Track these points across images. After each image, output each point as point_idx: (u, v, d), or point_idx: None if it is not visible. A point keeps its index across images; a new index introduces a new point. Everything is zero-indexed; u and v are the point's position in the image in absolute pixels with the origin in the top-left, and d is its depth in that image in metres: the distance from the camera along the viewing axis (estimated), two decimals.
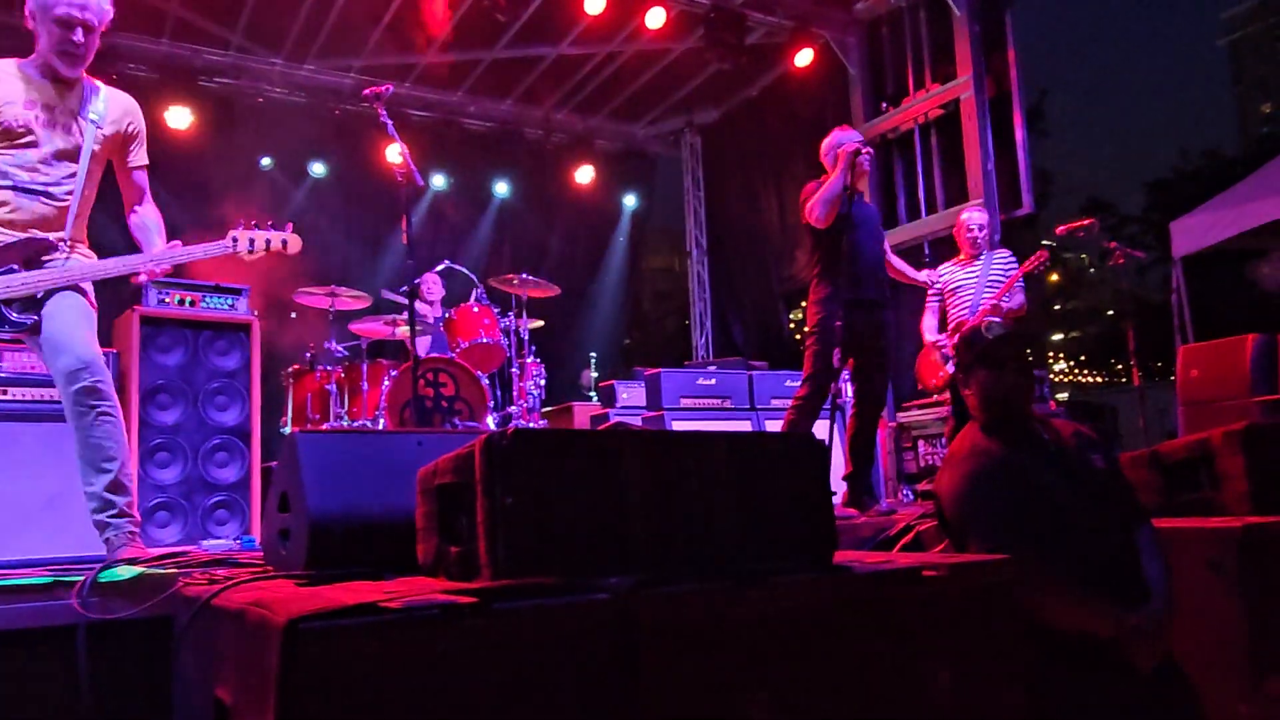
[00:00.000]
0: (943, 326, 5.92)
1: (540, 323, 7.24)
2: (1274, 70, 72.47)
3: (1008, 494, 2.53)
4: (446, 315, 6.67)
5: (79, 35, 3.12)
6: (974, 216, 6.07)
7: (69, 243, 3.22)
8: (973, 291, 5.76)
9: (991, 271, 5.79)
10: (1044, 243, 8.10)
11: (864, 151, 4.57)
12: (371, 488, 2.39)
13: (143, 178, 3.57)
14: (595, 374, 9.35)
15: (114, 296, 5.49)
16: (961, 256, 6.02)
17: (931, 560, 2.13)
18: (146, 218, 3.44)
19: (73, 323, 3.11)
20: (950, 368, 5.64)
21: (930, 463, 7.47)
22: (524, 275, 6.69)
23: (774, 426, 5.19)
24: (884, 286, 4.73)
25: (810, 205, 4.58)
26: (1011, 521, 2.47)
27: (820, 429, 4.44)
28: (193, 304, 5.25)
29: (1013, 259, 5.85)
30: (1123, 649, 2.36)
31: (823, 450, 2.18)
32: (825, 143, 4.89)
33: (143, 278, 3.36)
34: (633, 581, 1.77)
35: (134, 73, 8.62)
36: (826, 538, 2.13)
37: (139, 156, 3.58)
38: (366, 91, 4.26)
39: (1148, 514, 2.68)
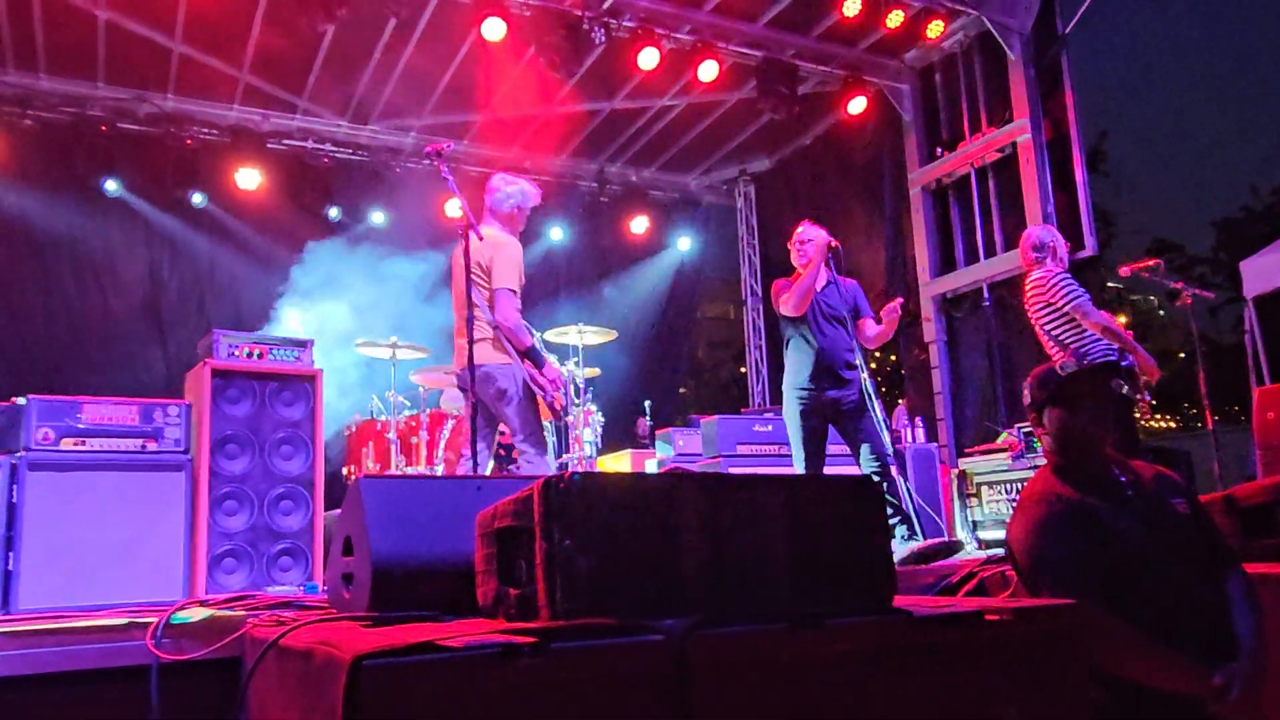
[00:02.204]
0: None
1: (597, 371, 7.30)
2: None
3: (1080, 541, 2.43)
4: None
5: None
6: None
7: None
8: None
9: None
10: (1109, 284, 7.94)
11: (834, 245, 4.93)
12: (432, 531, 2.43)
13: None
14: (651, 422, 9.36)
15: (189, 352, 5.71)
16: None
17: (994, 605, 2.08)
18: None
19: None
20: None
21: (993, 508, 7.31)
22: (580, 325, 6.77)
23: (830, 472, 5.17)
24: (846, 360, 4.94)
25: (785, 299, 4.96)
26: (1084, 570, 2.38)
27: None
28: (260, 356, 5.41)
29: None
30: (1210, 709, 2.24)
31: (880, 494, 2.17)
32: (795, 234, 5.16)
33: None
34: (688, 623, 1.77)
35: (206, 137, 9.01)
36: (884, 581, 2.10)
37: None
38: (428, 149, 4.39)
39: (1238, 561, 2.56)
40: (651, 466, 7.66)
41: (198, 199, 9.00)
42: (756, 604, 2.00)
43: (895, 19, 8.02)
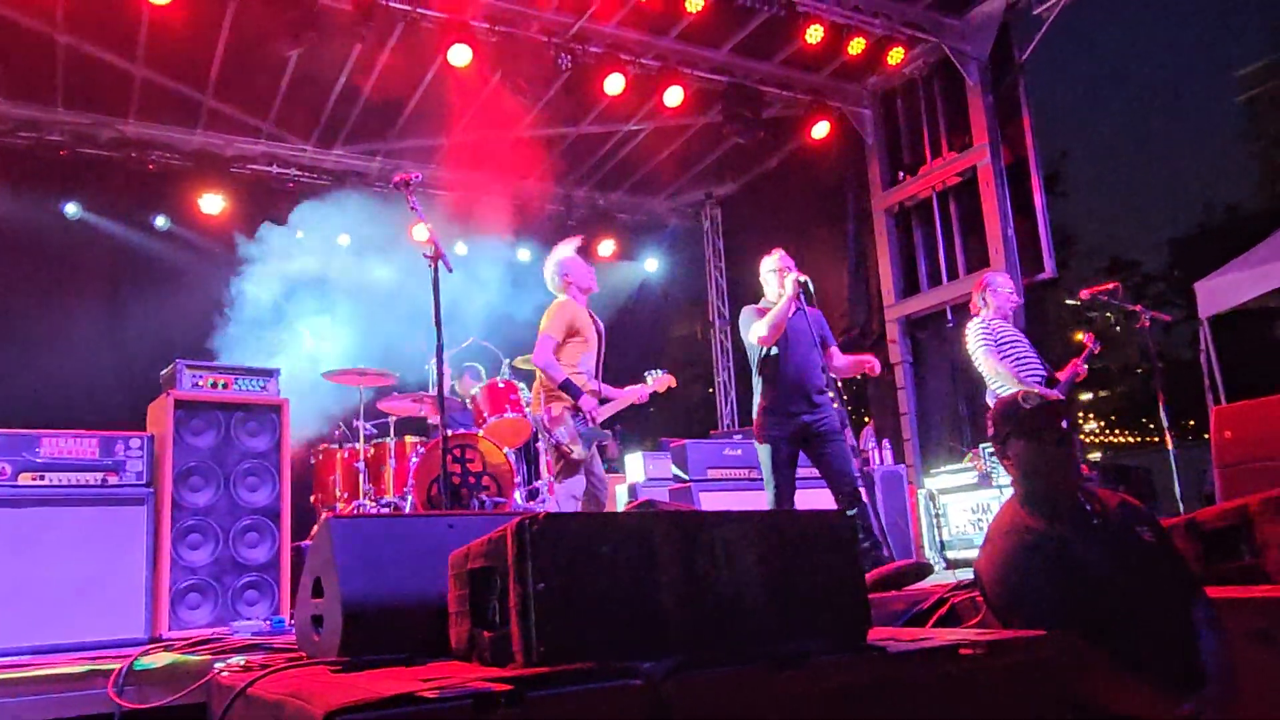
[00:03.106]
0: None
1: None
2: None
3: (1049, 572, 2.46)
4: (473, 391, 6.72)
5: None
6: (1008, 279, 6.03)
7: None
8: (1030, 348, 5.71)
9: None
10: (1069, 302, 8.10)
11: (803, 279, 4.99)
12: (404, 571, 2.41)
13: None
14: (620, 445, 9.34)
15: (151, 381, 5.61)
16: (1005, 317, 5.82)
17: (969, 638, 2.10)
18: None
19: None
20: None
21: (960, 528, 7.38)
22: None
23: (801, 497, 5.18)
24: (816, 387, 4.98)
25: (757, 328, 5.01)
26: (1054, 601, 2.41)
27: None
28: (225, 386, 5.33)
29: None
30: None
31: (853, 528, 2.18)
32: (764, 262, 5.26)
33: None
34: (666, 666, 1.76)
35: (169, 161, 8.91)
36: (860, 616, 2.11)
37: None
38: (396, 179, 4.38)
39: (1202, 587, 2.60)
40: (621, 491, 7.63)
41: (161, 222, 8.88)
42: (734, 642, 1.99)
43: (857, 46, 8.14)
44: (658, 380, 5.76)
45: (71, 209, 8.54)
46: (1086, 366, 5.91)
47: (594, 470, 5.22)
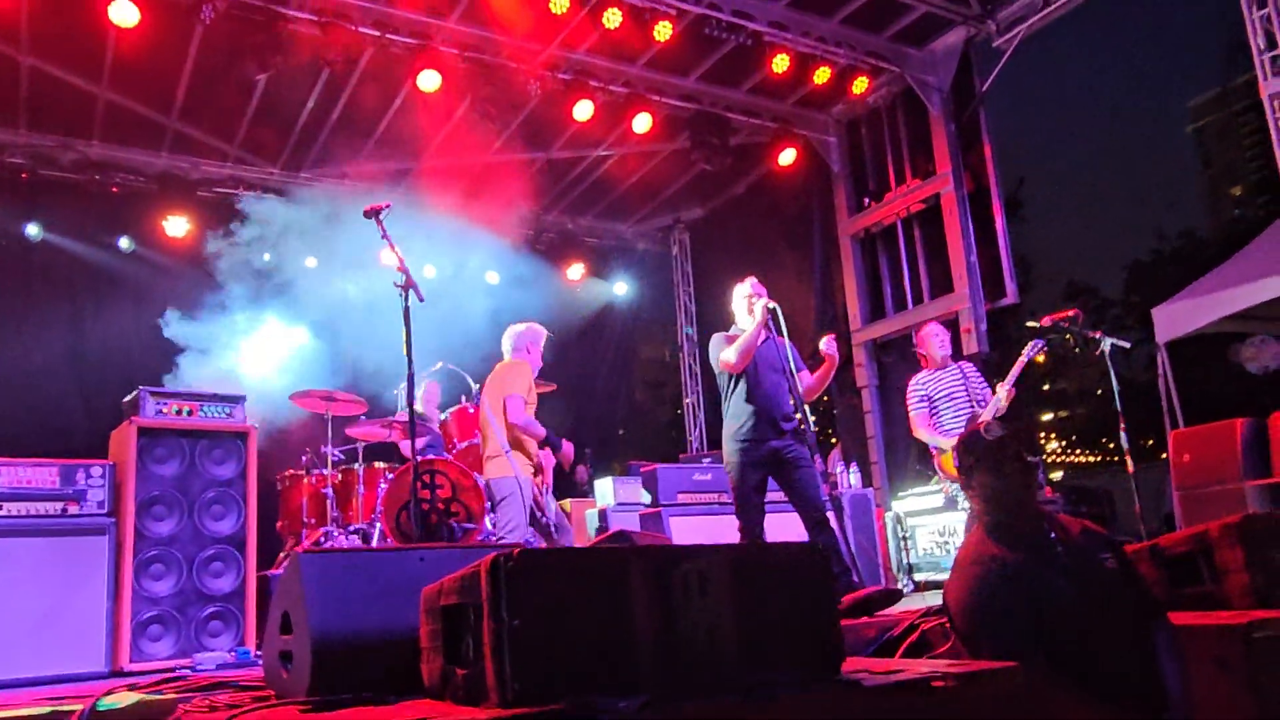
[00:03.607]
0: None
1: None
2: (1240, 155, 74.63)
3: (1015, 602, 2.50)
4: (442, 417, 6.69)
5: None
6: (941, 328, 6.43)
7: None
8: (966, 401, 6.06)
9: (972, 382, 6.12)
10: (1029, 324, 8.26)
11: (772, 305, 5.02)
12: (375, 606, 2.39)
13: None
14: (590, 469, 9.33)
15: (113, 407, 5.52)
16: (932, 367, 6.25)
17: (940, 669, 2.12)
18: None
19: None
20: None
21: (928, 550, 7.44)
22: None
23: (771, 521, 5.20)
24: (785, 413, 5.01)
25: (726, 355, 5.04)
26: (1021, 630, 2.45)
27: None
28: (190, 413, 5.26)
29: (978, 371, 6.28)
30: None
31: (826, 561, 2.20)
32: (735, 290, 5.29)
33: None
34: (639, 703, 1.77)
35: (133, 184, 8.81)
36: (833, 649, 2.13)
37: None
38: (367, 209, 4.37)
39: (1165, 613, 2.65)
40: (592, 516, 7.62)
41: (125, 244, 8.76)
42: (708, 676, 2.00)
43: (822, 75, 8.27)
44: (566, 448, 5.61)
45: (33, 230, 8.40)
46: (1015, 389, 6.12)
47: (548, 513, 5.19)
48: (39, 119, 8.24)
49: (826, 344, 5.07)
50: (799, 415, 4.98)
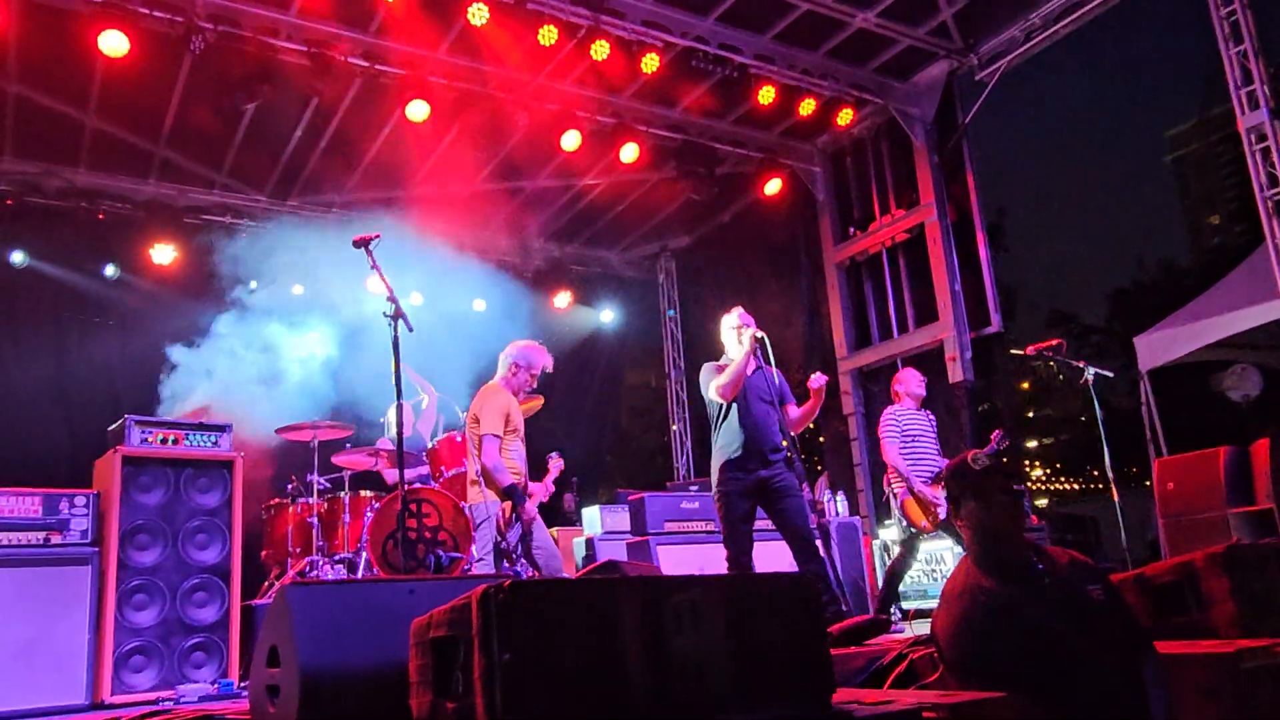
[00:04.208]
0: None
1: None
2: (1218, 184, 75.81)
3: (1003, 633, 2.51)
4: (429, 445, 6.67)
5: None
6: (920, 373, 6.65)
7: None
8: (932, 444, 6.33)
9: (934, 430, 6.38)
10: (1013, 352, 8.34)
11: (760, 335, 5.06)
12: (363, 639, 2.38)
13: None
14: (577, 498, 9.31)
15: (97, 435, 5.49)
16: (909, 406, 6.43)
17: (930, 699, 2.13)
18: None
19: None
20: (942, 513, 6.05)
21: (915, 579, 7.44)
22: None
23: (759, 550, 5.20)
24: (774, 443, 5.03)
25: (717, 384, 5.05)
26: (1008, 661, 2.45)
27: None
28: (175, 442, 5.23)
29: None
30: None
31: (816, 591, 2.21)
32: (724, 320, 5.29)
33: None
34: None
35: (120, 211, 8.80)
36: (824, 680, 2.13)
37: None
38: (356, 239, 4.39)
39: (1152, 643, 2.66)
40: (579, 545, 7.59)
41: (111, 271, 8.73)
42: (700, 708, 2.00)
43: (807, 107, 8.37)
44: (554, 467, 5.64)
45: (18, 257, 8.36)
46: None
47: (541, 546, 5.12)
48: (25, 146, 8.23)
49: (816, 380, 5.09)
50: (786, 444, 5.00)
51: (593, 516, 7.70)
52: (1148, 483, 7.01)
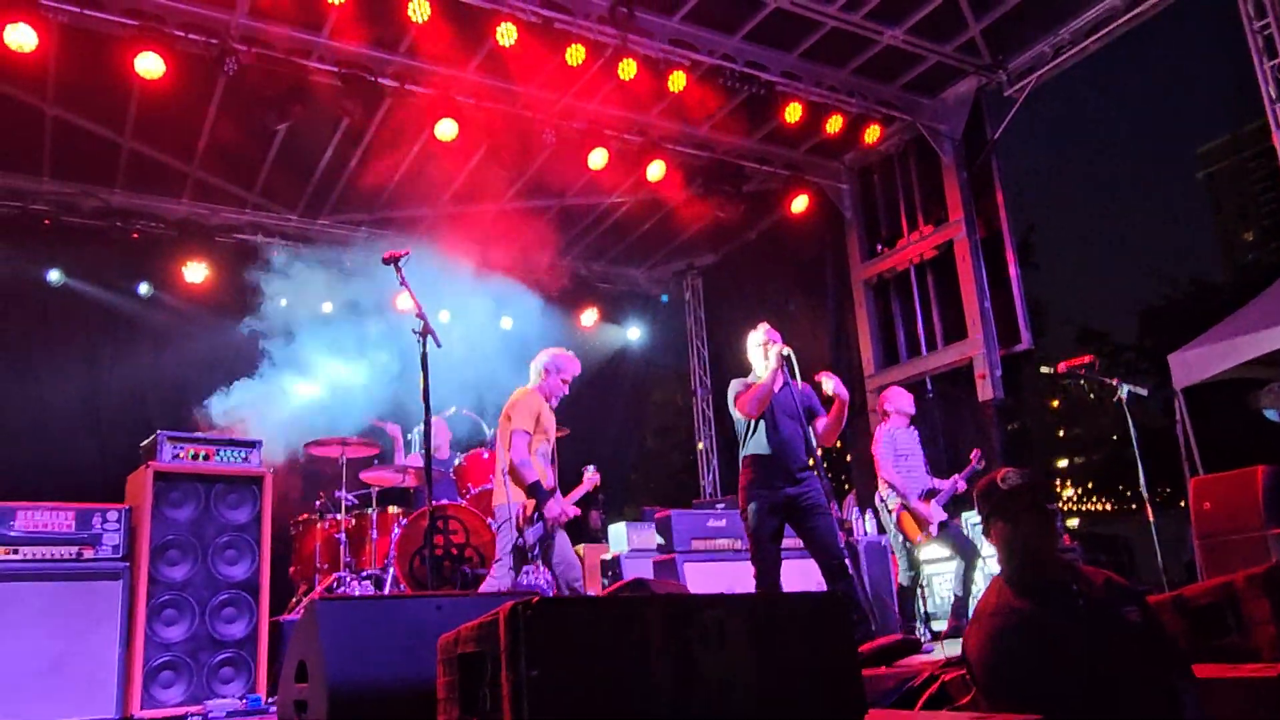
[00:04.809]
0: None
1: None
2: (1251, 200, 74.84)
3: (1035, 655, 2.46)
4: (456, 461, 6.69)
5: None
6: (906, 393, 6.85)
7: None
8: (921, 461, 6.53)
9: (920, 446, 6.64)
10: (1044, 370, 8.27)
11: (786, 351, 5.01)
12: (391, 655, 2.38)
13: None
14: (604, 515, 9.29)
15: (129, 451, 5.55)
16: (900, 424, 6.61)
17: None
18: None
19: None
20: (933, 529, 6.30)
21: (945, 599, 7.34)
22: None
23: (787, 568, 5.15)
24: (801, 461, 5.00)
25: (744, 400, 5.03)
26: (1041, 682, 2.41)
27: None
28: (206, 458, 5.29)
29: None
30: None
31: (845, 612, 2.18)
32: (750, 337, 5.28)
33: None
34: None
35: (154, 230, 8.94)
36: (855, 700, 2.10)
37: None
38: (386, 256, 4.43)
39: (1189, 667, 2.60)
40: (605, 563, 7.56)
41: (144, 290, 8.86)
42: None
43: (834, 124, 8.35)
44: (589, 480, 5.66)
45: (55, 276, 8.51)
46: (966, 484, 6.54)
47: (565, 560, 5.10)
48: (62, 168, 8.39)
49: (831, 385, 5.00)
50: (814, 461, 4.96)
51: (619, 534, 7.68)
52: (1183, 503, 6.88)
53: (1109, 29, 7.62)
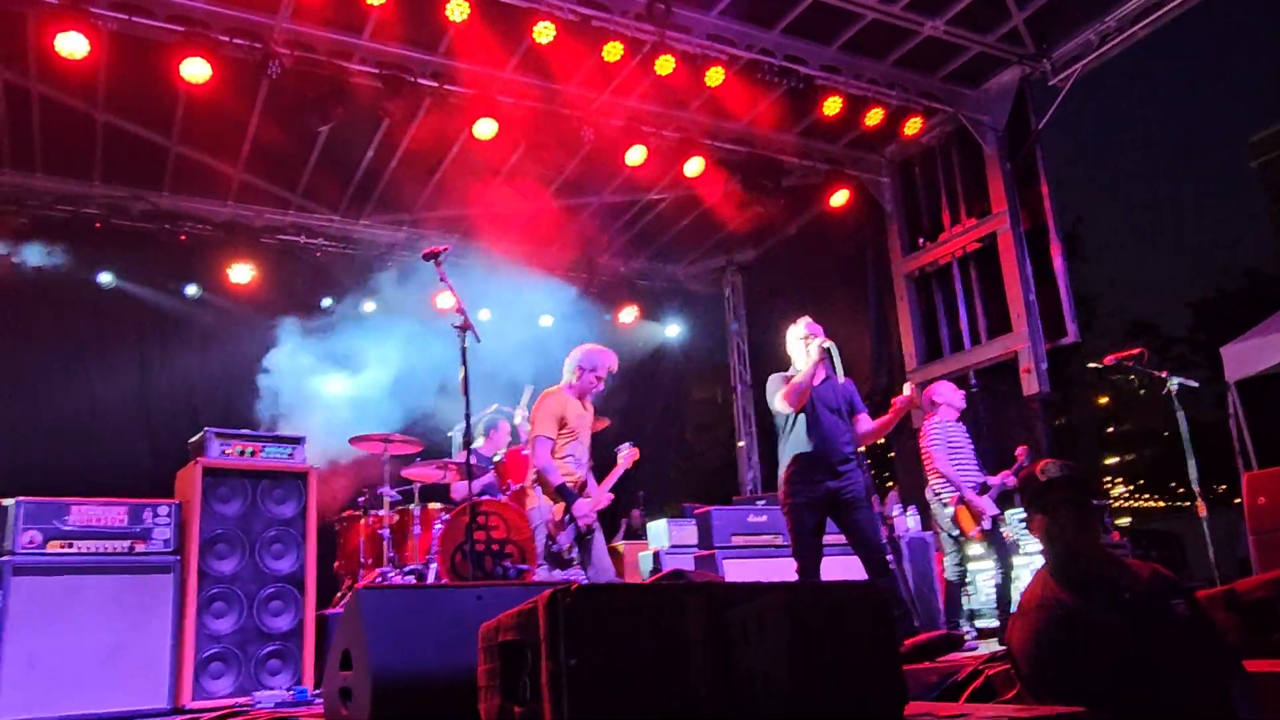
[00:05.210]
0: None
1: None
2: None
3: (1079, 647, 2.43)
4: (497, 458, 6.73)
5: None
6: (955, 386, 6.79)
7: None
8: (972, 455, 6.44)
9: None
10: (1090, 365, 8.11)
11: (827, 344, 4.98)
12: (433, 643, 2.40)
13: None
14: (644, 512, 9.30)
15: (178, 447, 5.66)
16: (948, 418, 6.51)
17: (1007, 713, 2.06)
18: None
19: None
20: (986, 523, 6.19)
21: (989, 597, 7.24)
22: None
23: (828, 564, 5.12)
24: (843, 454, 4.94)
25: (783, 395, 4.98)
26: (1085, 676, 2.37)
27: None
28: (253, 454, 5.38)
29: None
30: None
31: (886, 602, 2.16)
32: (790, 331, 5.26)
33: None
34: None
35: (200, 232, 9.11)
36: (896, 691, 2.08)
37: None
38: (426, 252, 4.48)
39: (1240, 660, 2.55)
40: (646, 559, 7.57)
41: (192, 291, 9.05)
42: (766, 717, 1.97)
43: (874, 117, 8.28)
44: (626, 457, 5.61)
45: (106, 279, 8.71)
46: (1016, 479, 6.38)
47: (599, 565, 5.09)
48: (113, 172, 8.58)
49: (908, 391, 5.06)
50: (855, 457, 4.92)
51: (659, 530, 7.68)
52: (1236, 499, 6.72)
53: (1157, 15, 7.45)
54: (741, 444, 11.74)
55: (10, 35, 6.59)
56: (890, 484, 10.39)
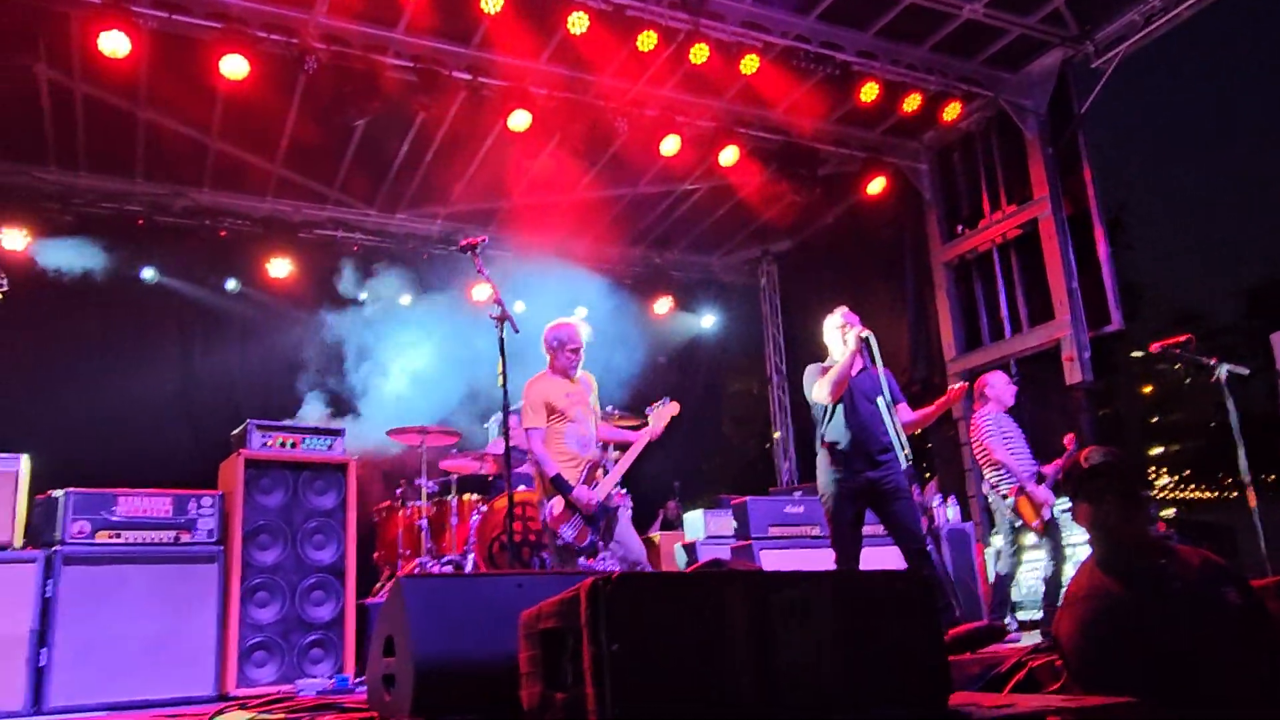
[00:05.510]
0: None
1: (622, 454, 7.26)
2: None
3: (1128, 637, 2.38)
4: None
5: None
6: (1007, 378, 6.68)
7: None
8: (1024, 444, 6.32)
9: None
10: (1135, 354, 7.96)
11: (865, 334, 4.91)
12: (475, 630, 2.41)
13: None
14: (679, 503, 9.29)
15: (220, 439, 5.74)
16: (999, 409, 6.42)
17: (1054, 704, 2.02)
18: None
19: None
20: (1046, 512, 6.07)
21: (1031, 588, 7.14)
22: (610, 409, 6.77)
23: (868, 554, 5.07)
24: (881, 444, 4.85)
25: (820, 386, 4.94)
26: (1135, 666, 2.32)
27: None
28: (294, 445, 5.44)
29: None
30: None
31: (929, 590, 2.13)
32: (827, 320, 5.16)
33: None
34: None
35: (240, 228, 9.23)
36: (940, 681, 2.05)
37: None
38: (463, 243, 4.49)
39: None
40: (680, 552, 7.56)
41: (232, 285, 9.18)
42: (810, 705, 1.95)
43: (912, 103, 8.17)
44: (661, 412, 5.27)
45: (149, 274, 8.86)
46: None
47: (622, 541, 4.95)
48: (154, 169, 8.72)
49: (958, 389, 5.05)
50: (896, 446, 4.85)
51: (695, 521, 7.67)
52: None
53: None
54: (777, 435, 11.68)
55: (55, 36, 6.71)
56: (929, 475, 10.27)
